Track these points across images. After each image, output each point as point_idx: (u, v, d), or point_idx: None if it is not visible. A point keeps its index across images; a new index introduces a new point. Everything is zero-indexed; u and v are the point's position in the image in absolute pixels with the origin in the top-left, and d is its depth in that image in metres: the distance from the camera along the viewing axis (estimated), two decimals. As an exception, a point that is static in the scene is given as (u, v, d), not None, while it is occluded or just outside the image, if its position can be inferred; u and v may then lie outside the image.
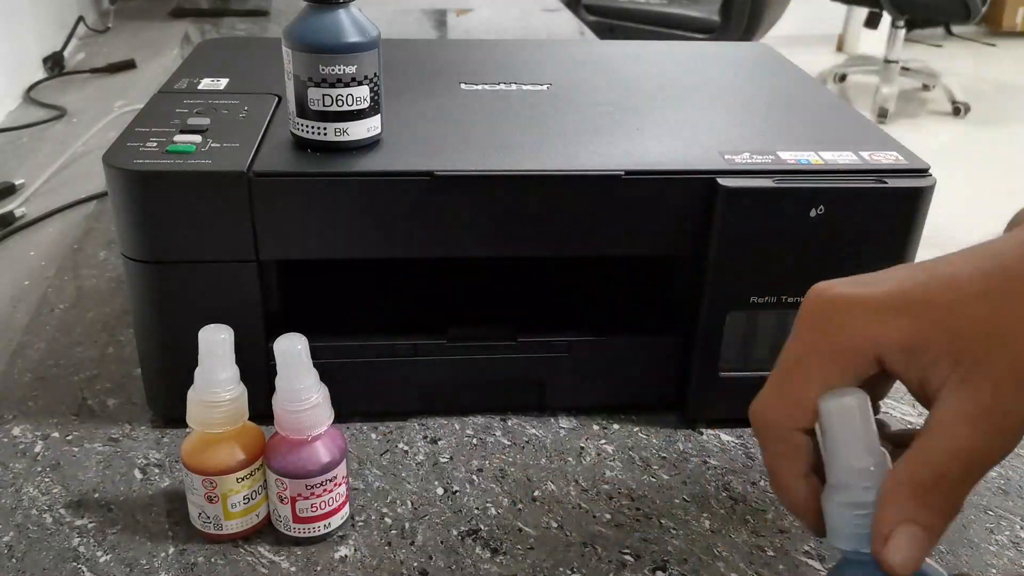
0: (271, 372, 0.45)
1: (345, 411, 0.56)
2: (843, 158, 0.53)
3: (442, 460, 0.53)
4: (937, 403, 0.34)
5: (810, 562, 0.47)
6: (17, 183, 0.88)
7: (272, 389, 0.45)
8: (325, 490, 0.46)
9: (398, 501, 0.50)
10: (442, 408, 0.57)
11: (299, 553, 0.46)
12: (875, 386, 0.38)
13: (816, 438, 0.37)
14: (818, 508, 0.37)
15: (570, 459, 0.54)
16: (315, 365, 0.45)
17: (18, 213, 0.83)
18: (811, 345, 0.37)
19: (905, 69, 3.75)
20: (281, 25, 0.49)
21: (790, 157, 0.52)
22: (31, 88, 1.18)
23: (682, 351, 0.56)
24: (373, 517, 0.49)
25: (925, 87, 3.93)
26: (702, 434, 0.56)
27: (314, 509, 0.46)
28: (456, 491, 0.51)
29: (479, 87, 0.63)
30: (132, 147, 0.50)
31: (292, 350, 0.44)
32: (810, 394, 0.36)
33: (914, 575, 0.34)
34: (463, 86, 0.62)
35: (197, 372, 0.44)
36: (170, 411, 0.55)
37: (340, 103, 0.49)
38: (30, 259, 0.76)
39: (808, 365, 0.37)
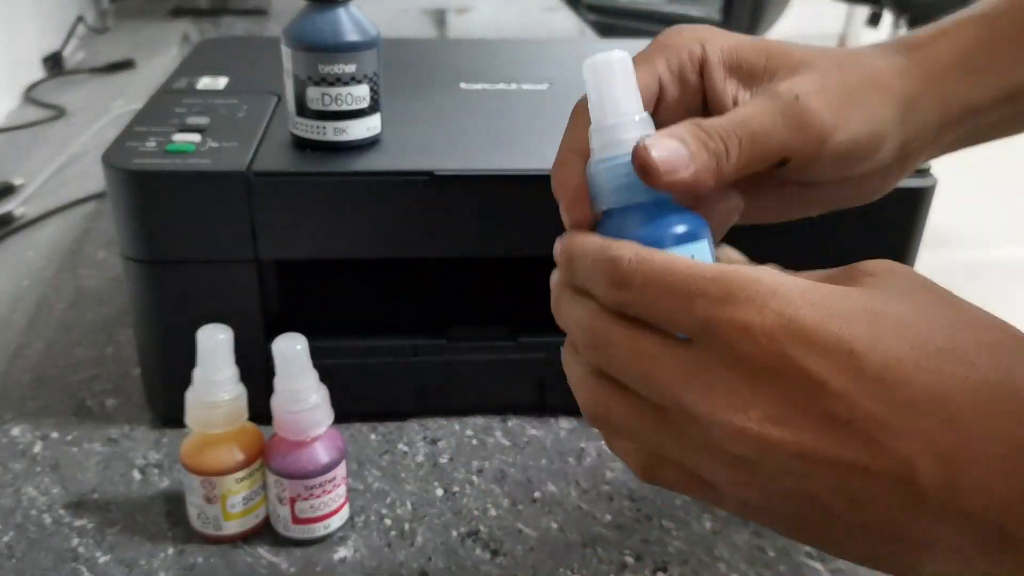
0: (270, 372, 0.44)
1: (345, 411, 0.55)
2: (844, 157, 0.52)
3: (442, 461, 0.53)
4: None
5: (811, 563, 0.47)
6: (16, 183, 0.88)
7: (271, 389, 0.45)
8: (324, 491, 0.45)
9: (398, 502, 0.50)
10: (442, 408, 0.57)
11: (298, 554, 0.46)
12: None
13: None
14: (580, 183, 0.34)
15: (570, 460, 0.54)
16: (315, 365, 0.45)
17: (17, 213, 0.83)
18: (650, 45, 0.38)
19: (906, 68, 3.75)
20: (280, 24, 0.49)
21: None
22: (30, 88, 1.18)
23: (683, 351, 0.55)
24: (372, 518, 0.49)
25: (926, 86, 3.92)
26: (703, 434, 0.56)
27: (313, 510, 0.46)
28: (456, 492, 0.51)
29: (479, 87, 0.63)
30: (131, 147, 0.50)
31: (291, 350, 0.44)
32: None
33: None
34: (463, 86, 0.62)
35: (196, 372, 0.44)
36: (169, 411, 0.55)
37: (339, 102, 0.49)
38: (29, 259, 0.76)
39: (640, 56, 0.37)
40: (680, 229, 0.32)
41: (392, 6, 1.63)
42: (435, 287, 0.59)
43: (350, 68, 0.49)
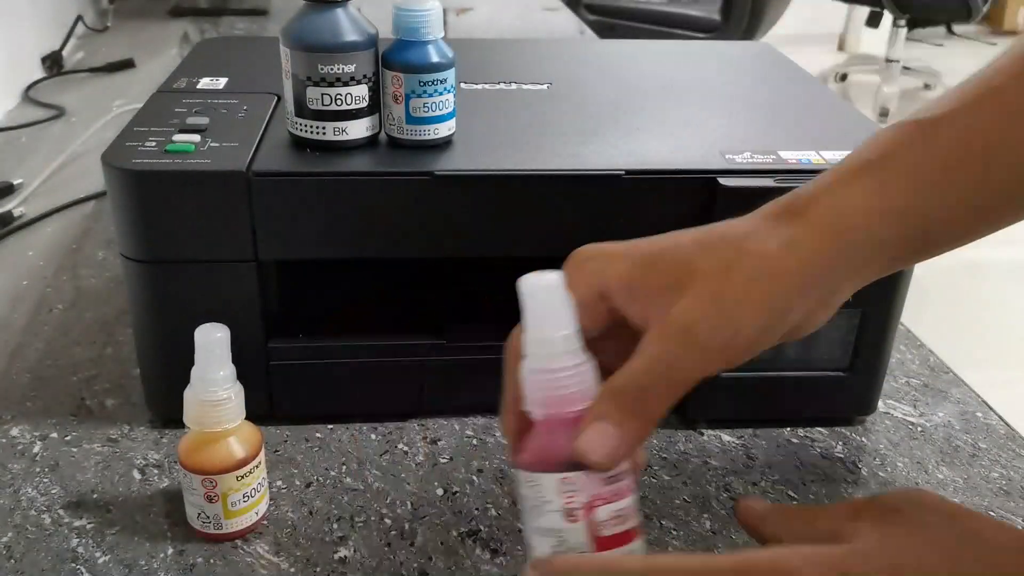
0: (270, 372, 0.44)
1: (345, 411, 0.55)
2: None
3: (442, 461, 0.53)
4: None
5: (811, 563, 0.47)
6: (16, 183, 0.88)
7: (272, 389, 0.45)
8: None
9: (398, 502, 0.50)
10: (442, 408, 0.57)
11: (298, 554, 0.46)
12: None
13: None
14: (519, 430, 0.38)
15: (570, 460, 0.54)
16: (315, 365, 0.45)
17: (17, 213, 0.83)
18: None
19: (906, 68, 3.75)
20: (280, 24, 0.50)
21: (791, 157, 0.52)
22: (30, 87, 1.18)
23: (683, 351, 0.55)
24: (373, 518, 0.49)
25: (926, 86, 3.92)
26: (703, 434, 0.56)
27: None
28: (456, 492, 0.51)
29: (479, 87, 0.63)
30: (131, 147, 0.50)
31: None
32: None
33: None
34: (463, 86, 0.62)
35: (193, 371, 0.44)
36: (169, 411, 0.55)
37: (339, 102, 0.49)
38: (29, 259, 0.76)
39: None
40: None
41: (392, 6, 1.63)
42: (435, 287, 0.59)
43: (349, 68, 0.49)
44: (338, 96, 0.49)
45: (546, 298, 0.36)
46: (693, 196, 0.50)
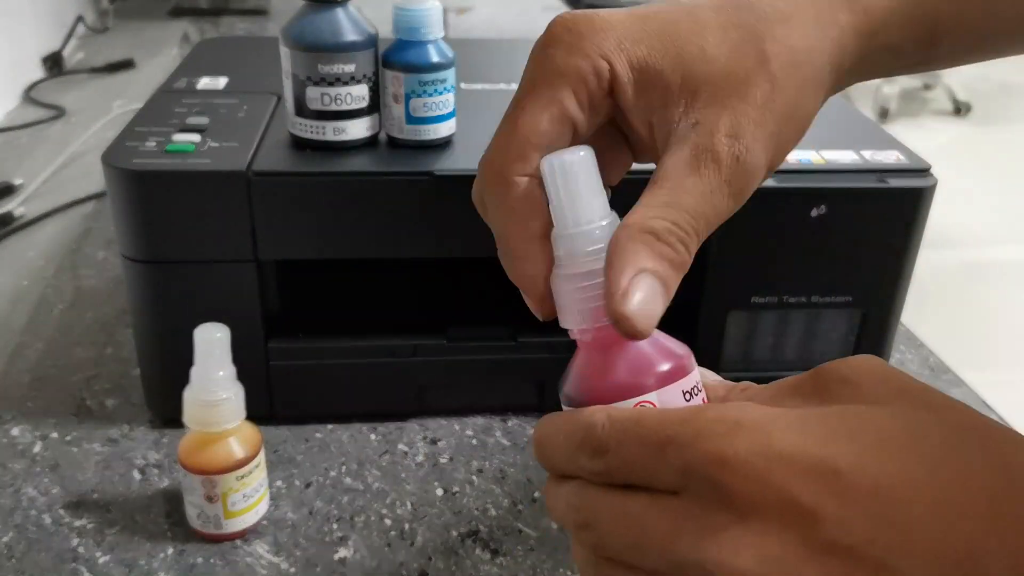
0: (270, 372, 0.44)
1: (345, 411, 0.55)
2: (844, 157, 0.52)
3: (442, 461, 0.53)
4: (668, 150, 0.32)
5: (811, 563, 0.47)
6: (16, 183, 0.88)
7: (271, 388, 0.45)
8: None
9: (398, 502, 0.50)
10: (442, 408, 0.57)
11: (298, 554, 0.46)
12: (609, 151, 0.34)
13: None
14: (547, 278, 0.32)
15: (570, 459, 0.54)
16: (315, 365, 0.45)
17: (17, 213, 0.83)
18: (541, 66, 0.33)
19: (906, 68, 3.74)
20: (280, 24, 0.50)
21: (791, 156, 0.52)
22: (30, 88, 1.18)
23: (683, 351, 0.55)
24: (372, 518, 0.49)
25: (926, 86, 3.92)
26: (703, 434, 0.56)
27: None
28: (456, 492, 0.51)
29: (479, 87, 0.63)
30: (131, 147, 0.50)
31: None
32: (538, 126, 0.32)
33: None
34: (463, 86, 0.62)
35: (193, 371, 0.44)
36: (169, 411, 0.55)
37: (339, 102, 0.49)
38: (29, 259, 0.76)
39: (536, 89, 0.32)
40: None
41: (391, 6, 1.63)
42: (435, 287, 0.60)
43: (349, 68, 0.49)
44: (338, 96, 0.49)
45: (581, 180, 0.29)
46: (693, 196, 0.50)
